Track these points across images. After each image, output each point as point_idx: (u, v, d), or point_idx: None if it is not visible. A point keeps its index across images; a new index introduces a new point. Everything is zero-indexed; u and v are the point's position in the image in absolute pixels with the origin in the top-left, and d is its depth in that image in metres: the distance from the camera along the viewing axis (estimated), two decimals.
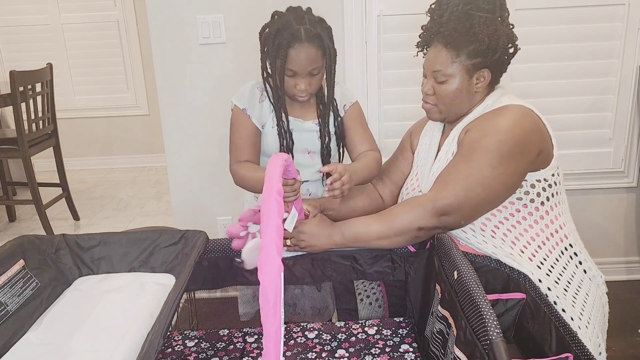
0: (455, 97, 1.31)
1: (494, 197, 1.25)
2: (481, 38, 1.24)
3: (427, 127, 1.52)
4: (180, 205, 2.39)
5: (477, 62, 1.27)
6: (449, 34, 1.28)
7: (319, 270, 1.38)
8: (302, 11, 1.38)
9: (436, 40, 1.31)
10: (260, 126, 1.47)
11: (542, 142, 1.27)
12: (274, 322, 0.69)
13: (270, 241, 0.74)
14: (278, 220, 0.77)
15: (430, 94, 1.35)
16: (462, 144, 1.29)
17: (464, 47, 1.26)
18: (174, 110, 2.26)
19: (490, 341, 0.87)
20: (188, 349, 1.34)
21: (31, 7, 4.38)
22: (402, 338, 1.33)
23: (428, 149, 1.46)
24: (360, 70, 2.21)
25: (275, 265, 0.71)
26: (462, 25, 1.26)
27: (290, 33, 1.31)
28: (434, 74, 1.31)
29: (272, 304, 0.69)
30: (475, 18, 1.25)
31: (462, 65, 1.28)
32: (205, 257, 1.37)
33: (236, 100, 1.47)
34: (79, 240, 1.37)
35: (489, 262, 1.26)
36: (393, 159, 1.61)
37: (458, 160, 1.27)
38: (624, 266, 2.52)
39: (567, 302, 1.21)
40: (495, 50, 1.26)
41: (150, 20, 2.16)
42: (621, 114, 2.28)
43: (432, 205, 1.23)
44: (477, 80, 1.30)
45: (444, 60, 1.29)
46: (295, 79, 1.36)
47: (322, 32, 1.35)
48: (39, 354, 1.07)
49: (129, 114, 4.66)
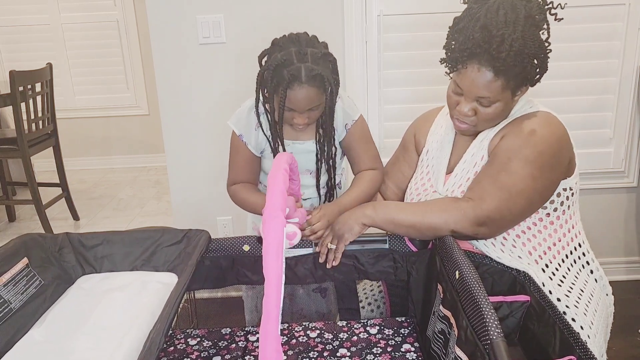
0: (497, 117, 1.27)
1: (530, 209, 1.24)
2: (529, 63, 1.18)
3: (435, 126, 1.49)
4: (180, 205, 2.39)
5: (522, 82, 1.23)
6: (502, 62, 1.15)
7: (321, 270, 1.38)
8: (305, 42, 1.27)
9: (480, 63, 1.18)
10: (259, 152, 1.44)
11: (571, 150, 1.27)
12: (276, 271, 0.74)
13: (275, 202, 0.83)
14: (282, 187, 0.88)
15: (470, 115, 1.26)
16: (498, 151, 1.25)
17: (513, 71, 1.18)
18: (173, 110, 2.26)
19: (490, 341, 0.88)
20: (190, 348, 1.34)
21: (31, 7, 4.38)
22: (403, 338, 1.33)
23: (440, 147, 1.43)
24: (360, 70, 2.21)
25: (279, 221, 0.80)
26: (515, 50, 1.15)
27: (290, 73, 1.21)
28: (479, 98, 1.23)
29: (274, 256, 0.75)
30: (527, 44, 1.15)
31: (510, 89, 1.21)
32: (207, 256, 1.37)
33: (233, 125, 1.42)
34: (82, 239, 1.38)
35: (496, 263, 1.26)
36: (394, 160, 1.59)
37: (498, 169, 1.23)
38: (624, 266, 2.52)
39: (579, 311, 1.21)
40: (538, 67, 1.22)
41: (150, 20, 2.16)
42: (621, 114, 2.29)
43: (473, 213, 1.20)
44: (518, 95, 1.26)
45: (493, 88, 1.19)
46: (293, 113, 1.29)
47: (325, 69, 1.25)
48: (41, 351, 1.08)
49: (128, 114, 4.66)
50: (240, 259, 1.39)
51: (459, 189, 1.32)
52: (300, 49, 1.25)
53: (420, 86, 2.19)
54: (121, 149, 4.77)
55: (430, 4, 2.13)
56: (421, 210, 1.27)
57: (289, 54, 1.24)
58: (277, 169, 0.94)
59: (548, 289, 1.20)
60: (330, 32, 2.16)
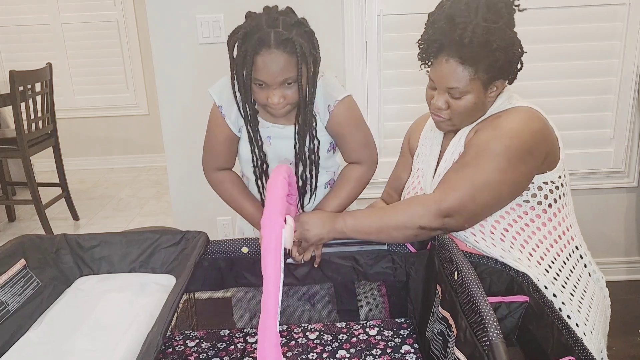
0: (471, 110, 1.28)
1: (499, 201, 1.25)
2: (498, 55, 1.20)
3: (426, 129, 1.50)
4: (180, 205, 2.39)
5: (493, 75, 1.24)
6: (467, 49, 1.19)
7: (320, 271, 1.38)
8: (277, 12, 1.18)
9: (448, 54, 1.22)
10: (237, 130, 1.34)
11: (550, 144, 1.27)
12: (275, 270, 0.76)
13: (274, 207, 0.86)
14: (282, 192, 0.89)
15: (443, 109, 1.29)
16: (469, 145, 1.28)
17: (481, 62, 1.20)
18: (173, 110, 2.26)
19: (490, 342, 0.87)
20: (189, 349, 1.33)
21: (31, 7, 4.38)
22: (403, 339, 1.33)
23: (429, 151, 1.44)
24: (360, 70, 2.21)
25: (278, 222, 0.83)
26: (480, 40, 1.18)
27: (258, 37, 1.12)
28: (449, 90, 1.25)
29: (273, 253, 0.77)
30: (492, 32, 1.18)
31: (480, 81, 1.23)
32: (206, 257, 1.37)
33: (213, 93, 1.32)
34: (80, 240, 1.37)
35: (494, 263, 1.25)
36: (395, 169, 1.61)
37: (465, 162, 1.25)
38: (624, 266, 2.52)
39: (574, 307, 1.21)
40: (510, 62, 1.24)
41: (150, 20, 2.15)
42: (621, 114, 2.28)
43: (436, 206, 1.22)
44: (491, 91, 1.27)
45: (461, 77, 1.22)
46: (266, 90, 1.18)
47: (298, 36, 1.14)
48: (39, 353, 1.07)
49: (128, 114, 4.65)
50: (239, 261, 1.38)
51: None
52: (271, 15, 1.16)
53: (420, 86, 2.16)
54: (121, 149, 4.77)
55: (430, 4, 2.09)
56: (387, 213, 1.29)
57: (258, 21, 1.15)
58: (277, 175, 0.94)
59: (543, 284, 1.20)
60: (330, 32, 2.16)
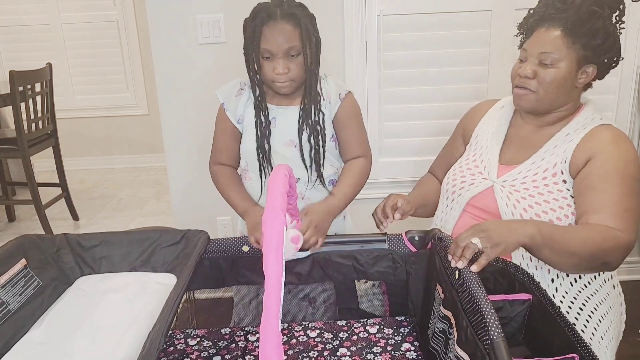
0: (558, 84, 1.27)
1: None
2: (598, 37, 1.24)
3: (487, 117, 1.50)
4: (180, 205, 2.39)
5: (589, 55, 1.26)
6: (571, 21, 1.24)
7: (320, 270, 1.38)
8: None
9: (550, 24, 1.27)
10: (236, 121, 1.42)
11: None
12: (276, 267, 0.75)
13: (275, 203, 0.85)
14: (282, 189, 0.90)
15: (530, 77, 1.29)
16: (596, 170, 1.24)
17: (581, 37, 1.24)
18: (173, 110, 2.26)
19: (491, 341, 0.87)
20: (190, 348, 1.34)
21: (31, 7, 4.37)
22: (403, 337, 1.33)
23: (492, 137, 1.44)
24: (360, 70, 2.21)
25: (279, 219, 0.82)
26: (583, 17, 1.24)
27: (265, 13, 1.29)
28: (541, 55, 1.27)
29: (274, 250, 0.76)
30: (596, 14, 1.24)
31: (575, 53, 1.25)
32: (207, 257, 1.37)
33: (219, 93, 1.46)
34: (81, 240, 1.38)
35: (494, 261, 1.25)
36: (444, 149, 1.62)
37: (622, 191, 1.22)
38: (624, 266, 2.52)
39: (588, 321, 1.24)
40: (607, 51, 1.27)
41: (150, 20, 2.15)
42: (621, 114, 2.28)
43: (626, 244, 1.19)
44: (581, 74, 1.29)
45: (558, 43, 1.25)
46: (272, 61, 1.31)
47: (301, 15, 1.31)
48: (40, 353, 1.07)
49: (128, 114, 4.65)
50: (239, 260, 1.38)
51: (522, 185, 1.31)
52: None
53: (420, 86, 2.19)
54: (121, 149, 4.77)
55: (430, 4, 2.12)
56: (581, 236, 1.17)
57: (265, 4, 1.32)
58: (277, 173, 0.95)
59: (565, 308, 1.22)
60: (330, 32, 2.16)
